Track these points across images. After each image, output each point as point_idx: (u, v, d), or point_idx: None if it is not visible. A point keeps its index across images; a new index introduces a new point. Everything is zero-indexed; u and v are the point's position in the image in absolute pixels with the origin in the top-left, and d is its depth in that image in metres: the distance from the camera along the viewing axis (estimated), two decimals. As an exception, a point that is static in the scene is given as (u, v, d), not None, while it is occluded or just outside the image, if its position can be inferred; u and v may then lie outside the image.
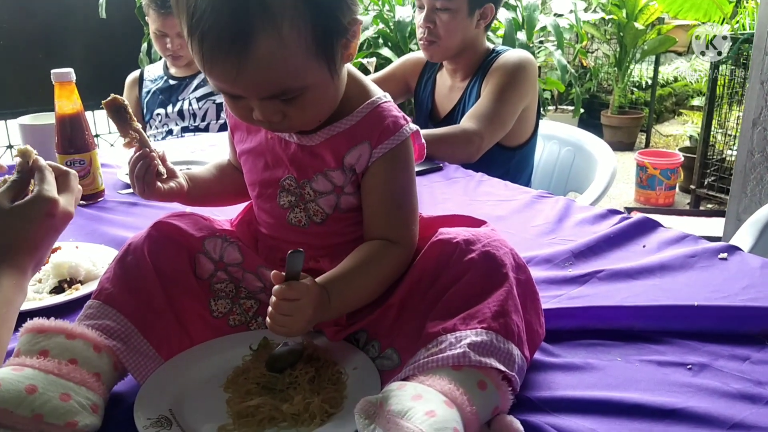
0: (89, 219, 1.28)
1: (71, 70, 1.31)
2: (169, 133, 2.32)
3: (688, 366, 0.77)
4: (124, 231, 1.22)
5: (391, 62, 2.45)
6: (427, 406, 0.59)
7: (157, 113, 2.34)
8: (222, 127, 2.28)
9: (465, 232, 0.75)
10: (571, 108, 5.09)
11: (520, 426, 0.65)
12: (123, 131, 0.83)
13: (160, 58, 2.43)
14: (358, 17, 0.74)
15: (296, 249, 0.69)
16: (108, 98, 0.83)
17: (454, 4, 1.74)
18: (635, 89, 5.65)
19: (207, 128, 2.29)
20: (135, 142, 0.84)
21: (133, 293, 0.77)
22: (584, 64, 5.65)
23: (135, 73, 2.47)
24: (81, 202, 0.89)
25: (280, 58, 0.67)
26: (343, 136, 0.79)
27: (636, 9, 4.99)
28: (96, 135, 3.77)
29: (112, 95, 0.83)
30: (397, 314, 0.77)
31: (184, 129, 2.31)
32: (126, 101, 0.84)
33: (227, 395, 0.72)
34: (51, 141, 1.36)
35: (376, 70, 2.57)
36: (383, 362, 0.75)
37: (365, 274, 0.77)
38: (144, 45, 3.47)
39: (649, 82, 5.54)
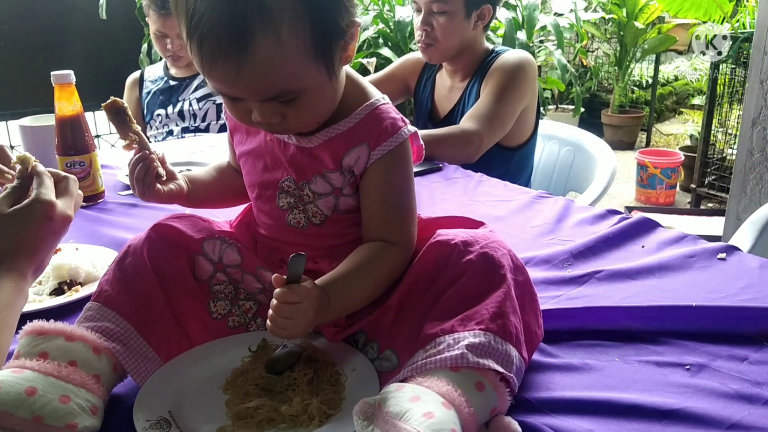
0: (89, 220, 1.28)
1: (71, 72, 1.31)
2: (170, 134, 2.32)
3: (687, 366, 0.77)
4: (124, 232, 1.22)
5: (391, 62, 2.45)
6: (425, 408, 0.59)
7: (158, 114, 2.34)
8: (222, 128, 2.28)
9: (463, 234, 0.75)
10: (572, 107, 5.09)
11: (518, 427, 0.65)
12: (122, 133, 0.83)
13: (161, 59, 2.43)
14: (357, 19, 0.74)
15: (298, 253, 0.69)
16: (108, 101, 0.83)
17: (451, 7, 1.74)
18: (636, 88, 5.65)
19: (207, 129, 2.30)
20: (134, 145, 0.84)
21: (133, 295, 0.77)
22: (584, 64, 5.65)
23: (135, 74, 2.48)
24: (81, 204, 0.89)
25: (279, 60, 0.68)
26: (342, 138, 0.79)
27: (636, 8, 4.99)
28: (96, 136, 3.78)
29: (112, 98, 0.83)
30: (396, 315, 0.77)
31: (185, 129, 2.31)
32: (125, 104, 0.84)
33: (226, 397, 0.72)
34: (51, 143, 1.36)
35: (376, 70, 2.57)
36: (382, 363, 0.75)
37: (364, 276, 0.77)
38: (144, 46, 3.48)
39: (650, 81, 5.54)
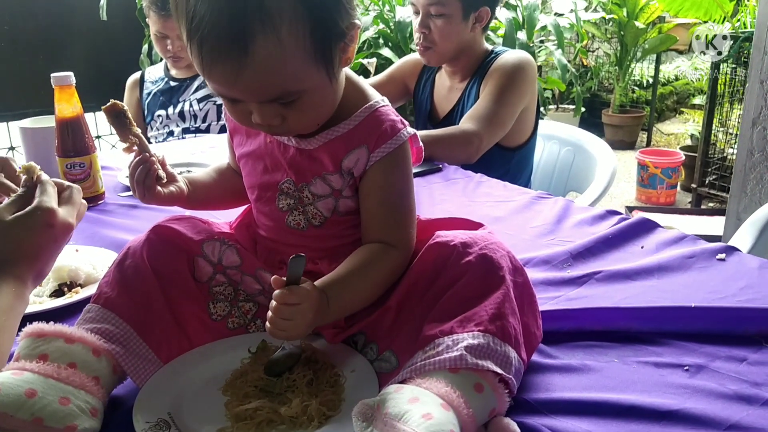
0: (89, 222, 1.29)
1: (71, 74, 1.31)
2: (170, 135, 2.33)
3: (685, 367, 0.77)
4: (124, 234, 1.22)
5: (392, 62, 2.45)
6: (424, 409, 0.59)
7: (158, 114, 2.34)
8: (222, 129, 2.28)
9: (462, 235, 0.76)
10: (572, 107, 5.10)
11: (517, 428, 0.65)
12: (123, 136, 0.84)
13: (161, 60, 2.43)
14: (357, 21, 0.74)
15: (298, 254, 0.69)
16: (108, 103, 0.84)
17: (449, 10, 1.74)
18: (636, 88, 5.65)
19: (208, 129, 2.30)
20: (135, 147, 0.84)
21: (132, 297, 0.78)
22: (585, 64, 5.65)
23: (136, 75, 2.48)
24: (84, 213, 0.90)
25: (279, 62, 0.68)
26: (341, 140, 0.80)
27: (636, 8, 4.99)
28: (97, 136, 3.78)
29: (112, 101, 0.84)
30: (395, 316, 0.77)
31: (185, 130, 2.31)
32: (125, 106, 0.85)
33: (226, 398, 0.72)
34: (51, 144, 1.36)
35: (377, 71, 2.57)
36: (381, 365, 0.75)
37: (363, 278, 0.77)
38: (145, 47, 3.48)
39: (650, 81, 5.54)
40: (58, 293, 0.99)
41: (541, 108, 3.66)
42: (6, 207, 0.80)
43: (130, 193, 1.43)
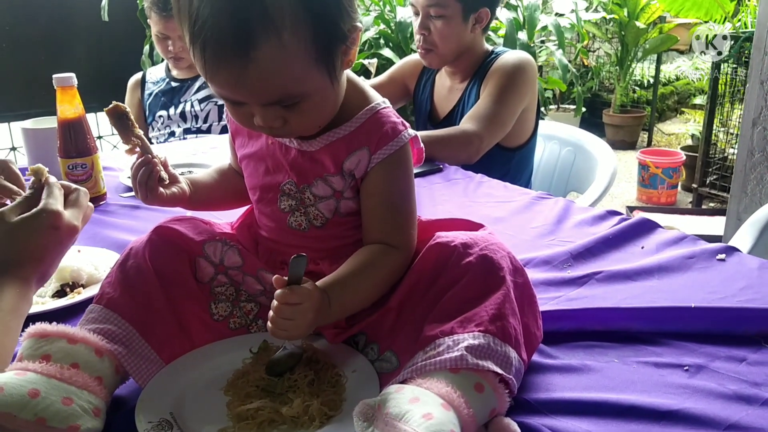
0: (91, 222, 1.27)
1: (73, 75, 1.32)
2: (171, 135, 2.33)
3: (685, 367, 0.77)
4: (126, 234, 1.22)
5: (393, 63, 2.45)
6: (425, 409, 0.60)
7: (159, 115, 2.35)
8: (224, 129, 2.28)
9: (463, 236, 0.76)
10: (573, 107, 5.10)
11: (518, 428, 0.65)
12: (125, 138, 0.84)
13: (162, 61, 2.44)
14: (358, 24, 0.74)
15: (299, 254, 0.70)
16: (110, 105, 0.84)
17: (448, 11, 1.74)
18: (637, 88, 5.65)
19: (209, 130, 2.30)
20: (137, 149, 0.85)
21: (134, 297, 0.78)
22: (586, 64, 5.65)
23: (137, 76, 2.49)
24: (90, 216, 0.90)
25: (281, 66, 0.68)
26: (343, 142, 0.80)
27: (637, 8, 4.99)
28: (98, 137, 3.79)
29: (114, 102, 0.84)
30: (396, 317, 0.77)
31: (186, 131, 2.32)
32: (128, 108, 0.85)
33: (227, 398, 0.73)
34: (53, 145, 1.37)
35: (378, 71, 2.58)
36: (382, 365, 0.76)
37: (364, 278, 0.77)
38: (146, 47, 3.48)
39: (651, 81, 5.54)
40: (61, 294, 1.00)
41: (542, 108, 3.67)
42: (12, 209, 0.80)
43: (132, 194, 1.43)
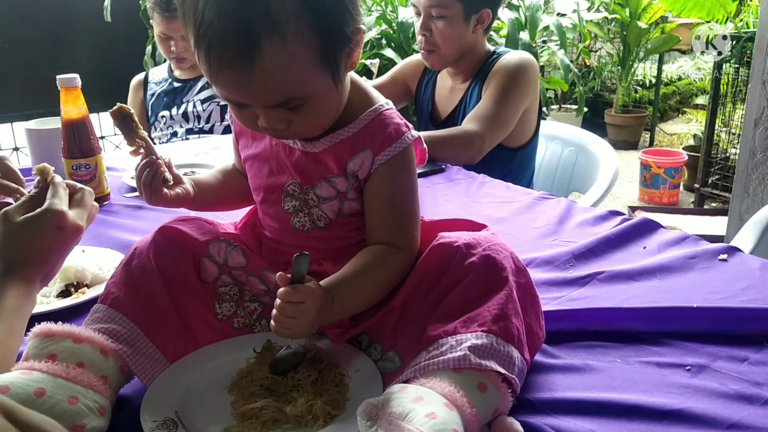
0: (95, 223, 1.28)
1: (76, 76, 1.32)
2: (174, 135, 2.34)
3: (687, 367, 0.78)
4: (130, 234, 1.23)
5: (395, 63, 2.46)
6: (428, 408, 0.60)
7: (162, 115, 2.35)
8: (226, 129, 2.29)
9: (466, 236, 0.76)
10: (575, 107, 5.09)
11: (520, 427, 0.66)
12: (129, 139, 0.85)
13: (165, 61, 2.44)
14: (362, 27, 0.75)
15: (302, 252, 0.70)
16: (114, 107, 0.84)
17: (450, 12, 1.74)
18: (639, 88, 5.64)
19: (211, 130, 2.31)
20: (141, 150, 0.85)
21: (139, 297, 0.78)
22: (588, 64, 5.65)
23: (140, 76, 2.49)
24: (95, 216, 0.91)
25: (286, 69, 0.68)
26: (346, 144, 0.80)
27: (639, 8, 4.99)
28: (101, 137, 3.79)
29: (118, 104, 0.84)
30: (399, 317, 0.78)
31: (189, 131, 2.32)
32: (132, 110, 0.85)
33: (232, 397, 0.73)
34: (57, 146, 1.37)
35: (380, 71, 2.58)
36: (385, 364, 0.76)
37: (368, 278, 0.78)
38: (148, 48, 3.49)
39: (653, 81, 5.53)
40: (65, 294, 1.00)
41: (544, 108, 3.67)
42: (17, 208, 0.81)
43: (136, 194, 1.44)
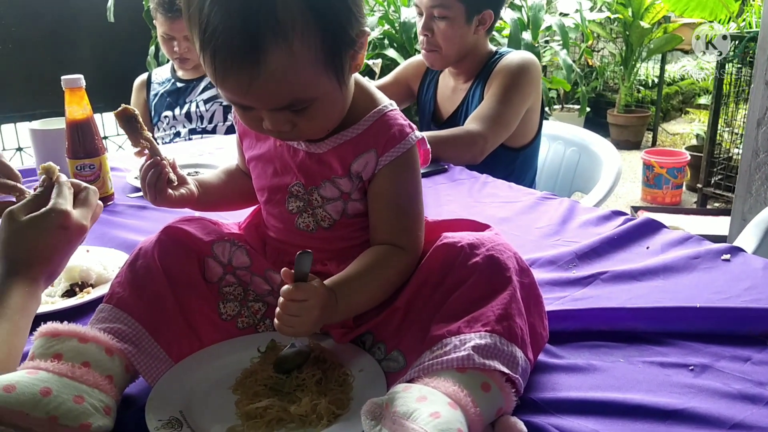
0: (99, 223, 1.28)
1: (81, 77, 1.33)
2: (177, 135, 2.34)
3: (690, 367, 0.78)
4: (134, 234, 1.23)
5: (397, 63, 2.46)
6: (432, 408, 0.60)
7: (165, 115, 2.36)
8: (229, 129, 2.29)
9: (469, 237, 0.76)
10: (578, 107, 5.09)
11: (524, 427, 0.66)
12: (134, 140, 0.85)
13: (168, 61, 2.45)
14: (366, 29, 0.75)
15: (305, 250, 0.70)
16: (119, 108, 0.85)
17: (452, 12, 1.74)
18: (642, 88, 5.64)
19: (214, 130, 2.31)
20: (146, 151, 0.85)
21: (144, 297, 0.79)
22: (590, 63, 5.64)
23: (143, 76, 2.50)
24: (100, 215, 0.91)
25: (291, 72, 0.69)
26: (350, 144, 0.81)
27: (642, 8, 4.98)
28: (104, 137, 3.80)
29: (123, 105, 0.85)
30: (403, 317, 0.78)
31: (192, 131, 2.33)
32: (136, 111, 0.86)
33: (236, 397, 0.73)
34: (61, 146, 1.38)
35: (382, 71, 2.58)
36: (389, 364, 0.76)
37: (371, 278, 0.78)
38: (152, 48, 3.50)
39: (656, 81, 5.53)
40: (70, 293, 1.00)
41: (546, 108, 3.67)
42: (21, 207, 0.81)
43: (140, 194, 1.44)
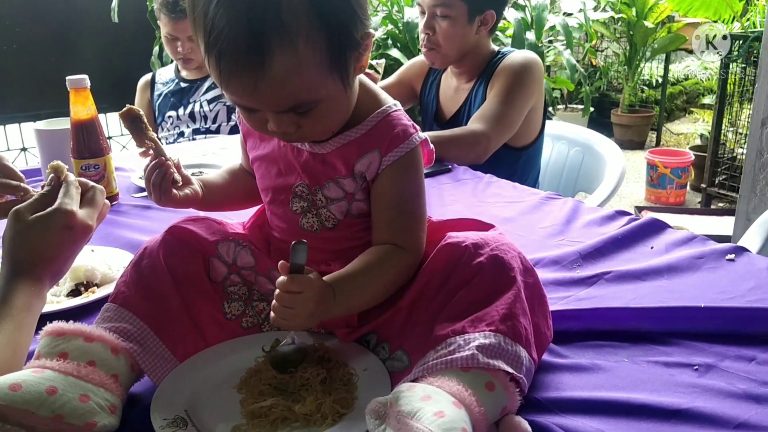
0: (104, 222, 1.28)
1: (86, 77, 1.33)
2: (181, 135, 2.35)
3: (695, 367, 0.78)
4: (139, 234, 1.24)
5: (400, 63, 2.46)
6: (436, 407, 0.60)
7: (169, 115, 2.36)
8: (233, 129, 2.30)
9: (473, 236, 0.76)
10: (581, 107, 5.09)
11: (528, 426, 0.66)
12: (139, 141, 0.85)
13: (172, 62, 2.45)
14: (371, 31, 0.75)
15: (299, 240, 0.70)
16: (124, 109, 0.85)
17: (454, 12, 1.74)
18: (645, 88, 5.63)
19: (218, 130, 2.32)
20: (151, 151, 0.86)
21: (149, 296, 0.79)
22: (594, 63, 5.64)
23: (147, 77, 2.50)
24: (107, 214, 0.91)
25: (296, 74, 0.69)
26: (354, 145, 0.81)
27: (646, 7, 4.98)
28: (108, 137, 3.81)
29: (128, 106, 0.85)
30: (407, 316, 0.78)
31: (196, 131, 2.33)
32: (141, 111, 0.86)
33: (241, 396, 0.73)
34: (66, 146, 1.38)
35: (386, 71, 2.58)
36: (393, 364, 0.76)
37: (372, 277, 0.78)
38: (155, 48, 3.50)
39: (660, 81, 5.52)
40: (75, 293, 1.01)
41: (550, 108, 3.67)
42: (28, 206, 0.81)
43: (144, 194, 1.45)
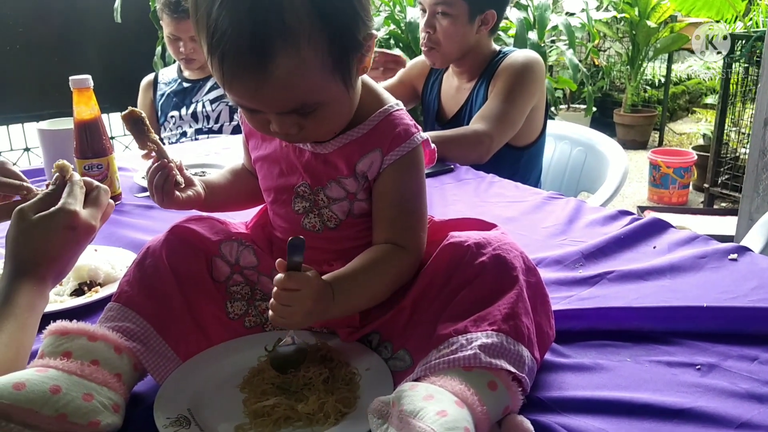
0: (107, 222, 1.29)
1: (89, 77, 1.33)
2: (183, 135, 2.35)
3: (697, 366, 0.78)
4: (142, 234, 1.24)
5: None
6: (439, 406, 0.60)
7: (171, 115, 2.37)
8: (235, 129, 2.30)
9: (476, 236, 0.76)
10: (584, 107, 5.08)
11: (531, 426, 0.66)
12: (141, 143, 0.85)
13: (174, 62, 2.46)
14: (373, 32, 0.75)
15: (296, 236, 0.69)
16: (126, 111, 0.85)
17: (455, 10, 1.74)
18: (648, 87, 5.63)
19: (220, 130, 2.32)
20: (153, 153, 0.86)
21: (152, 296, 0.79)
22: (596, 63, 5.63)
23: (149, 77, 2.51)
24: (111, 214, 0.91)
25: (299, 76, 0.69)
26: (356, 144, 0.81)
27: (648, 7, 4.97)
28: (111, 137, 3.82)
29: (130, 108, 0.85)
30: (410, 316, 0.78)
31: (198, 131, 2.33)
32: (143, 113, 0.86)
33: (244, 395, 0.74)
34: (69, 146, 1.38)
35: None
36: (396, 363, 0.76)
37: (371, 276, 0.78)
38: (158, 48, 3.51)
39: (662, 80, 5.51)
40: (79, 292, 1.01)
41: (552, 108, 3.66)
42: (31, 206, 0.81)
43: (147, 194, 1.45)
